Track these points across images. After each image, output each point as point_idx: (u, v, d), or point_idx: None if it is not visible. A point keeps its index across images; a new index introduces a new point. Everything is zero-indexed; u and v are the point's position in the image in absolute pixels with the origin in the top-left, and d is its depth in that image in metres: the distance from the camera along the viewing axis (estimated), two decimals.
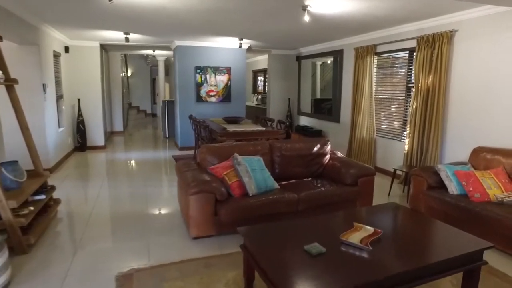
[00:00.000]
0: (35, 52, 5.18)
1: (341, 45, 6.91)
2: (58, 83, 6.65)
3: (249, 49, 8.51)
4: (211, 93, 7.80)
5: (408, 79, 5.37)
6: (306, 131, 7.69)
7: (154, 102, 15.60)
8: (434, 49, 4.66)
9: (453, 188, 3.63)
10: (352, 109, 6.44)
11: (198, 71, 7.63)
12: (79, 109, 7.54)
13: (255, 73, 12.29)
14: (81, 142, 7.59)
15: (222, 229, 3.33)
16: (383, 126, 6.00)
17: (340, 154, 4.40)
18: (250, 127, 5.75)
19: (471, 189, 3.48)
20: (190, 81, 7.69)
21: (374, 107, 6.01)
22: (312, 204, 3.54)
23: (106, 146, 8.17)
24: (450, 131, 4.65)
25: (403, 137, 5.51)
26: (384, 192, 4.88)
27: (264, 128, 5.65)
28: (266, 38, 6.84)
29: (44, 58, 5.58)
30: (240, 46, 7.11)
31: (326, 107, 7.61)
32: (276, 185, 3.64)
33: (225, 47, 7.72)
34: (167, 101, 9.63)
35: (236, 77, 7.98)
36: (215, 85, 7.78)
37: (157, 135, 10.52)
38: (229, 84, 7.88)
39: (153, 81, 15.45)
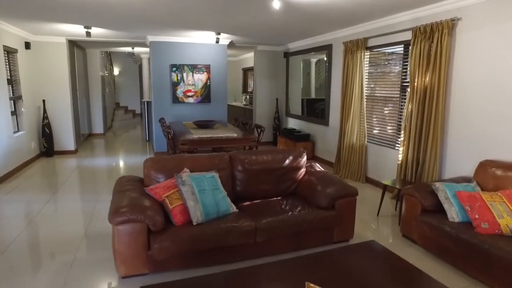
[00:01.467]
0: None
1: (329, 39, 6.16)
2: (15, 82, 6.00)
3: (234, 46, 7.78)
4: (189, 93, 7.08)
5: (403, 77, 4.62)
6: (292, 135, 6.94)
7: None
8: (433, 41, 3.92)
9: (453, 213, 2.89)
10: (341, 111, 5.69)
11: (174, 69, 6.91)
12: (45, 111, 6.88)
13: (245, 71, 11.53)
14: (47, 146, 6.95)
15: (159, 267, 2.63)
16: (375, 131, 5.25)
17: (318, 168, 3.67)
18: (220, 132, 5.01)
19: (476, 216, 2.74)
20: (165, 80, 6.98)
21: (365, 109, 5.26)
22: (274, 234, 2.82)
23: (77, 151, 7.52)
24: (451, 139, 3.90)
25: (397, 145, 4.76)
26: (373, 210, 4.15)
27: (235, 135, 4.89)
28: (246, 33, 6.11)
29: None
30: (217, 42, 6.37)
31: (319, 108, 6.85)
32: (233, 209, 2.94)
33: (202, 43, 7.00)
34: (147, 101, 8.95)
35: (217, 76, 7.24)
36: (193, 85, 7.06)
37: (141, 137, 9.84)
38: (208, 83, 7.15)
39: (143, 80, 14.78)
